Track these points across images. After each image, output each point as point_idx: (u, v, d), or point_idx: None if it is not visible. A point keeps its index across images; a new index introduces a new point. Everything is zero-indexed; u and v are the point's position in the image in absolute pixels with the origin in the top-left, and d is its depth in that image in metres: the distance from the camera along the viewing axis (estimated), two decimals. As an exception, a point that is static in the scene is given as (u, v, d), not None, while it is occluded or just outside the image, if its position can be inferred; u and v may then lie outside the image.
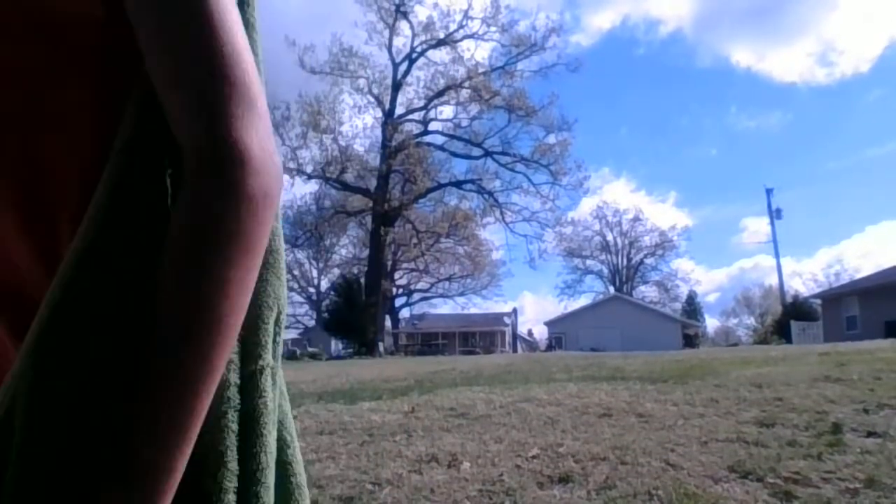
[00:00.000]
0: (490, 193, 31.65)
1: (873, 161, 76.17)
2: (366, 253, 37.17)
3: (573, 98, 72.01)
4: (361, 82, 30.71)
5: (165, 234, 0.46)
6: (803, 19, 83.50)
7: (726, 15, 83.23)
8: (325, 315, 35.93)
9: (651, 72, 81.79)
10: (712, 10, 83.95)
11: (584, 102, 76.80)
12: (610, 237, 59.00)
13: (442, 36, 30.62)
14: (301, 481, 0.57)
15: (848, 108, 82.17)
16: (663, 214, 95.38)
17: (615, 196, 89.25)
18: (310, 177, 31.27)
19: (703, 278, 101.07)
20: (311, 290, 57.40)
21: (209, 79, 0.47)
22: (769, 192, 36.62)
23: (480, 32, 30.64)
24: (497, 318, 44.87)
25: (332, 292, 38.23)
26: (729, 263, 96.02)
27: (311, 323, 53.74)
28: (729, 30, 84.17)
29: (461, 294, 54.58)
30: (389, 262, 40.73)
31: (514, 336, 43.51)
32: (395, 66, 31.29)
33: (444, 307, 54.77)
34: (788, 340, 26.54)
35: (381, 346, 30.35)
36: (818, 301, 32.31)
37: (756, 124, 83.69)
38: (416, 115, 32.08)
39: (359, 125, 31.29)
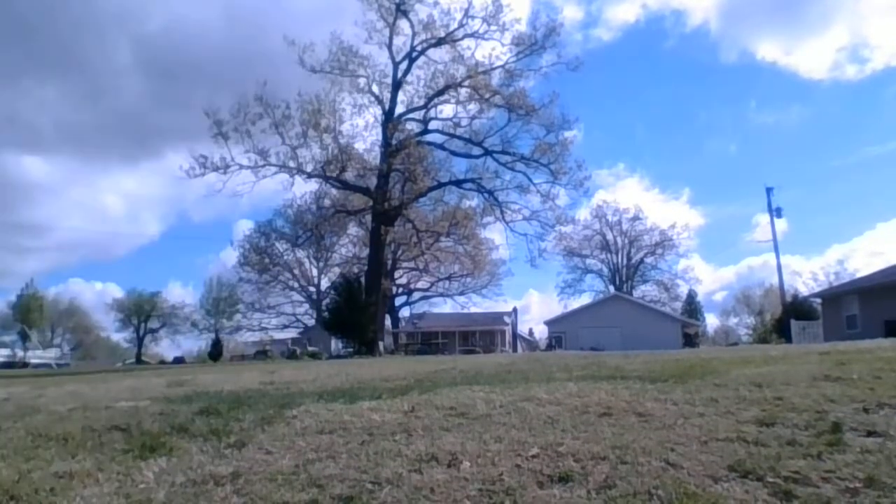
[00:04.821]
0: (490, 192, 31.60)
1: (882, 158, 75.45)
2: (366, 252, 37.14)
3: (589, 94, 70.91)
4: (361, 81, 30.65)
5: None
6: (833, 9, 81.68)
7: (755, 5, 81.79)
8: (325, 314, 35.92)
9: (673, 67, 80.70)
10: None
11: (601, 98, 76.21)
12: (610, 236, 58.99)
13: (442, 35, 30.53)
14: None
15: (868, 104, 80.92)
16: (675, 212, 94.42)
17: (628, 193, 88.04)
18: (310, 176, 31.20)
19: (712, 276, 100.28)
20: (311, 289, 57.45)
21: None
22: (769, 191, 36.60)
23: (481, 31, 30.58)
24: (497, 317, 44.90)
25: (332, 291, 38.23)
26: (738, 261, 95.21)
27: (311, 322, 53.78)
28: (756, 21, 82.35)
29: (461, 293, 54.60)
30: (389, 262, 40.73)
31: (515, 335, 43.52)
32: (396, 64, 31.22)
33: (444, 306, 54.81)
34: (788, 339, 26.55)
35: (381, 346, 30.35)
36: (818, 300, 32.33)
37: (775, 120, 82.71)
38: (416, 114, 32.00)
39: (359, 124, 31.03)
